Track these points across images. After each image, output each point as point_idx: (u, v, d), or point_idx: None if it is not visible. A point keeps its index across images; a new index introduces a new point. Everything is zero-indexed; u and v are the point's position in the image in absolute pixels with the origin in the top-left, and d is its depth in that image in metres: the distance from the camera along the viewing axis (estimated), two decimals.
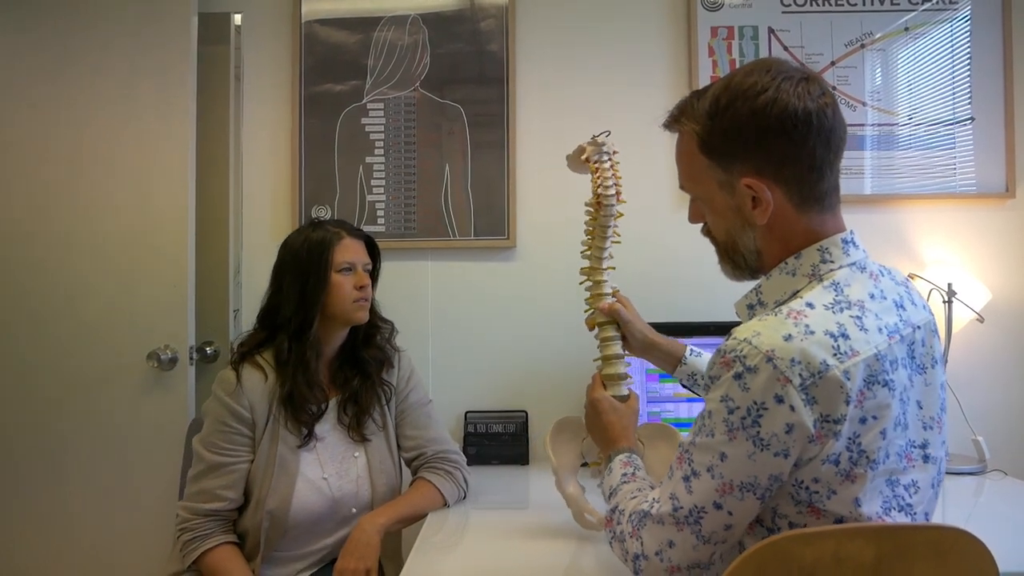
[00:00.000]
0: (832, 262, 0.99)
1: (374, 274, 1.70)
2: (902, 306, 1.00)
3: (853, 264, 0.99)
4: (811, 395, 0.88)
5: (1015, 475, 1.91)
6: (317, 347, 1.59)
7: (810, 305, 0.94)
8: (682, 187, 1.09)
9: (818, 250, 0.99)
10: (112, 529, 2.01)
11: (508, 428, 2.07)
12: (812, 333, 0.90)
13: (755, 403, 0.90)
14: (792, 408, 0.88)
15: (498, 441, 2.06)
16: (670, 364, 1.45)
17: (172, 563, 1.57)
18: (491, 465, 2.03)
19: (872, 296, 0.97)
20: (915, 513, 0.96)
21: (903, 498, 0.95)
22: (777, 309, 0.96)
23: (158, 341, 1.98)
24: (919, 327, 1.01)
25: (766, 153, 0.98)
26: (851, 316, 0.93)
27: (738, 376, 0.90)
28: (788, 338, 0.90)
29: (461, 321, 2.18)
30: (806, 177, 0.98)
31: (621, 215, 1.39)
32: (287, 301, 1.58)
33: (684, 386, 1.47)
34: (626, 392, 1.37)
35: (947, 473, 1.89)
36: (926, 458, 0.98)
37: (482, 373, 2.17)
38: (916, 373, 0.99)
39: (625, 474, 1.19)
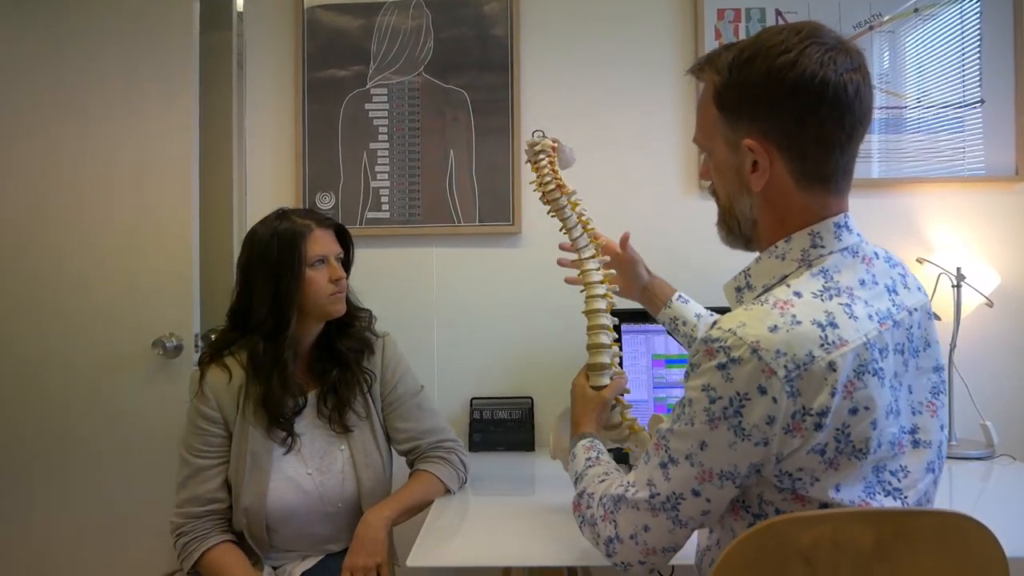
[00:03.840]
0: (823, 247, 0.96)
1: (347, 263, 1.65)
2: (894, 291, 0.98)
3: (845, 249, 0.96)
4: (795, 387, 0.87)
5: None
6: (294, 346, 1.55)
7: (798, 294, 0.92)
8: (695, 140, 1.07)
9: (809, 234, 0.96)
10: (118, 516, 2.03)
11: (514, 414, 2.07)
12: (799, 323, 0.88)
13: (738, 393, 0.88)
14: (775, 400, 0.87)
15: (504, 427, 2.06)
16: (657, 306, 1.48)
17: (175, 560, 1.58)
18: (497, 451, 2.03)
19: (863, 282, 0.95)
20: (905, 497, 0.94)
21: (890, 483, 0.93)
22: (764, 298, 0.94)
23: (163, 329, 1.99)
24: (915, 310, 0.99)
25: (774, 117, 0.94)
26: (840, 303, 0.91)
27: (722, 366, 0.89)
28: (774, 329, 0.88)
29: (466, 307, 2.18)
30: (810, 152, 0.94)
31: (576, 204, 1.42)
32: (260, 302, 1.53)
33: (667, 331, 1.50)
34: (604, 382, 1.38)
35: (956, 458, 1.90)
36: (916, 443, 0.96)
37: (487, 359, 2.17)
38: (911, 357, 0.97)
39: (589, 458, 1.21)
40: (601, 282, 1.41)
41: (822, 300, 0.91)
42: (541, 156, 1.43)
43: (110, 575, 2.03)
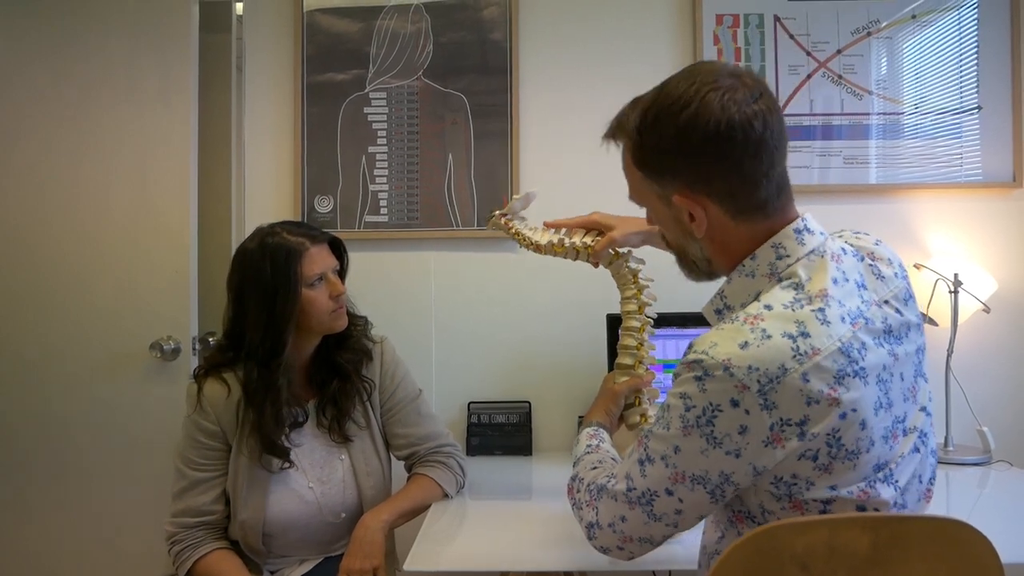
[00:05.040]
0: (788, 256, 0.97)
1: (342, 271, 1.60)
2: (863, 285, 0.98)
3: (811, 252, 0.97)
4: (769, 400, 0.88)
5: (1020, 466, 1.90)
6: (288, 372, 1.51)
7: (768, 307, 0.93)
8: (630, 198, 1.10)
9: (772, 247, 0.98)
10: (115, 518, 2.02)
11: (511, 418, 2.06)
12: (769, 337, 0.89)
13: (711, 404, 0.90)
14: (747, 412, 0.88)
15: (501, 431, 2.05)
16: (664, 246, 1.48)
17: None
18: (494, 456, 2.03)
19: (836, 281, 0.95)
20: (896, 481, 0.94)
21: (889, 469, 0.94)
22: (736, 315, 0.95)
23: (161, 332, 1.98)
24: (885, 302, 0.99)
25: (694, 169, 0.96)
26: (812, 310, 0.91)
27: (698, 379, 0.91)
28: (744, 345, 0.89)
29: (464, 311, 2.18)
30: (739, 190, 0.96)
31: (560, 247, 1.50)
32: (254, 326, 1.48)
33: None
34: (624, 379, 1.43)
35: (952, 464, 1.90)
36: (905, 431, 0.97)
37: (485, 363, 2.17)
38: (896, 345, 0.97)
39: (589, 446, 1.26)
40: (630, 283, 1.45)
41: (793, 310, 0.92)
42: (506, 230, 1.54)
43: (106, 575, 2.04)
